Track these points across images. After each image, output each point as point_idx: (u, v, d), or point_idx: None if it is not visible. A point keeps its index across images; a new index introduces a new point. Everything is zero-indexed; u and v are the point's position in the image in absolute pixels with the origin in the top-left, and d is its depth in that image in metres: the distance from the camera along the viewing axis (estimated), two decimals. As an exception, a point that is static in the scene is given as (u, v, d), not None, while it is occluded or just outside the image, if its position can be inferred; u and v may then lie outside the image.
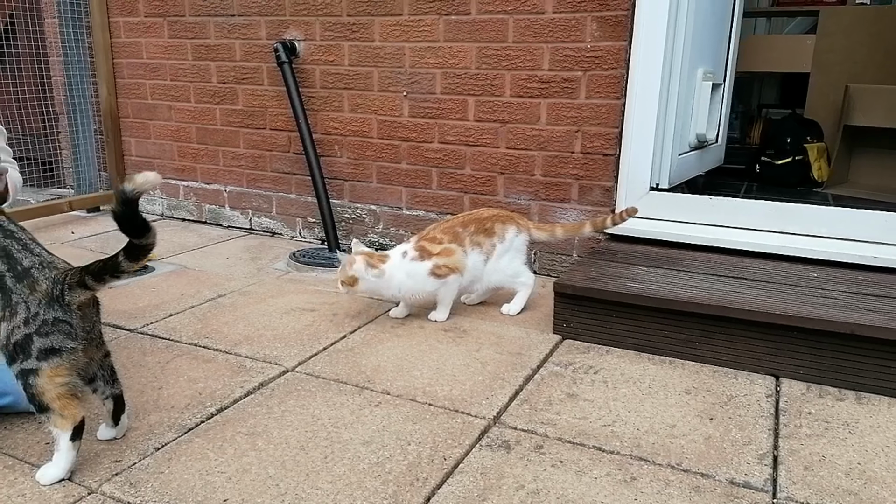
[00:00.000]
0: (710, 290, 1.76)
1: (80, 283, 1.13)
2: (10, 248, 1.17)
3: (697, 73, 2.43)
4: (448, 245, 1.91)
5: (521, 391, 1.56)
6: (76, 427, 1.16)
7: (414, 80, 2.47)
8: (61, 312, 1.13)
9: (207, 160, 3.00)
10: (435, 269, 1.90)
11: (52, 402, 1.14)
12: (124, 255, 1.10)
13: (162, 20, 2.91)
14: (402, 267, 1.89)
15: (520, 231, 2.00)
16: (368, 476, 1.22)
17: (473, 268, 1.95)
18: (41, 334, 1.12)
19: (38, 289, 1.13)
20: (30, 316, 1.12)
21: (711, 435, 1.38)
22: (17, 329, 1.12)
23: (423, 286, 1.90)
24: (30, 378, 1.13)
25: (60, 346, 1.13)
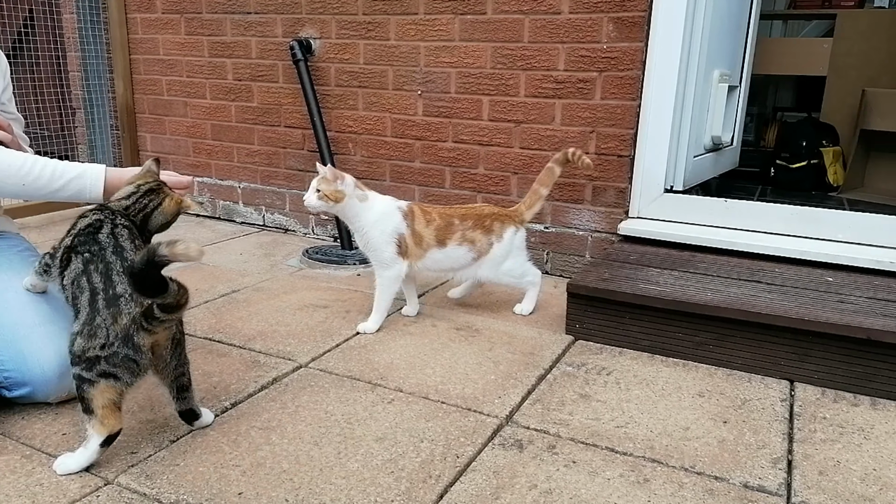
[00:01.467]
0: (725, 293, 1.75)
1: (142, 326, 1.14)
2: (112, 268, 1.17)
3: (713, 74, 2.42)
4: (425, 235, 1.84)
5: (534, 391, 1.56)
6: (110, 436, 1.17)
7: (429, 79, 2.48)
8: (132, 352, 1.13)
9: (222, 156, 3.02)
10: (402, 237, 1.82)
11: (98, 409, 1.15)
12: (157, 307, 1.10)
13: (179, 17, 2.93)
14: (382, 206, 1.83)
15: (518, 229, 1.97)
16: (382, 472, 1.22)
17: (445, 261, 1.88)
18: (110, 363, 1.13)
19: (119, 322, 1.13)
20: (106, 344, 1.13)
21: (725, 438, 1.38)
22: (91, 349, 1.13)
23: (380, 241, 1.81)
24: (84, 385, 1.14)
25: (120, 377, 1.14)
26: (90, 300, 1.16)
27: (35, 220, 2.87)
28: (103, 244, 1.20)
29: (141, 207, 1.32)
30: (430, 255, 1.87)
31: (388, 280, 1.85)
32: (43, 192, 1.35)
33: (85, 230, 1.23)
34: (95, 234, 1.22)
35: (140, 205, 1.32)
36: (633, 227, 2.21)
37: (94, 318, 1.15)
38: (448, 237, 1.88)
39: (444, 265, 1.91)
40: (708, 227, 2.16)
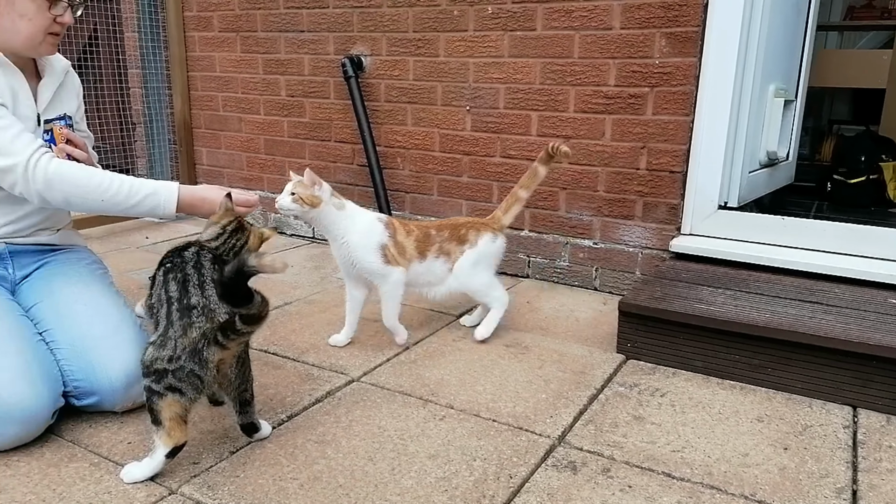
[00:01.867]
0: (784, 314, 1.71)
1: (215, 340, 1.17)
2: (190, 280, 1.22)
3: (769, 89, 2.38)
4: (407, 246, 1.81)
5: (586, 411, 1.54)
6: (175, 447, 1.21)
7: (477, 94, 2.50)
8: (198, 367, 1.17)
9: (274, 170, 3.09)
10: (386, 247, 1.77)
11: (165, 420, 1.19)
12: (240, 318, 1.14)
13: (235, 35, 3.03)
14: (364, 218, 1.79)
15: (496, 236, 1.91)
16: (436, 490, 1.23)
17: (425, 274, 1.84)
18: (176, 377, 1.17)
19: (188, 335, 1.18)
20: (174, 356, 1.17)
21: (786, 466, 1.34)
22: (159, 360, 1.18)
23: (366, 253, 1.76)
24: (153, 396, 1.19)
25: (185, 392, 1.18)
26: (167, 311, 1.21)
27: (96, 231, 2.98)
28: (186, 258, 1.25)
29: (230, 247, 1.35)
30: (412, 269, 1.83)
31: (391, 288, 1.80)
32: (120, 207, 1.41)
33: (173, 250, 1.28)
34: (182, 252, 1.26)
35: (229, 245, 1.35)
36: (685, 244, 2.17)
37: (168, 329, 1.19)
38: (427, 249, 1.84)
39: (422, 279, 1.86)
40: (764, 245, 2.12)
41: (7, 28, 1.42)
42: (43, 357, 1.37)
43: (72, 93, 1.65)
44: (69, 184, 1.37)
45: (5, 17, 1.40)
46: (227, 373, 1.24)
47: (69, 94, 1.63)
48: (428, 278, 1.87)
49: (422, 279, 1.86)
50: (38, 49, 1.48)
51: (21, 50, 1.46)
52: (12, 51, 1.45)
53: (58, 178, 1.36)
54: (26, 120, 1.45)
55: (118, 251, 2.71)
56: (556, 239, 2.46)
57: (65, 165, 1.39)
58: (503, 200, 1.96)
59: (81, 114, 1.71)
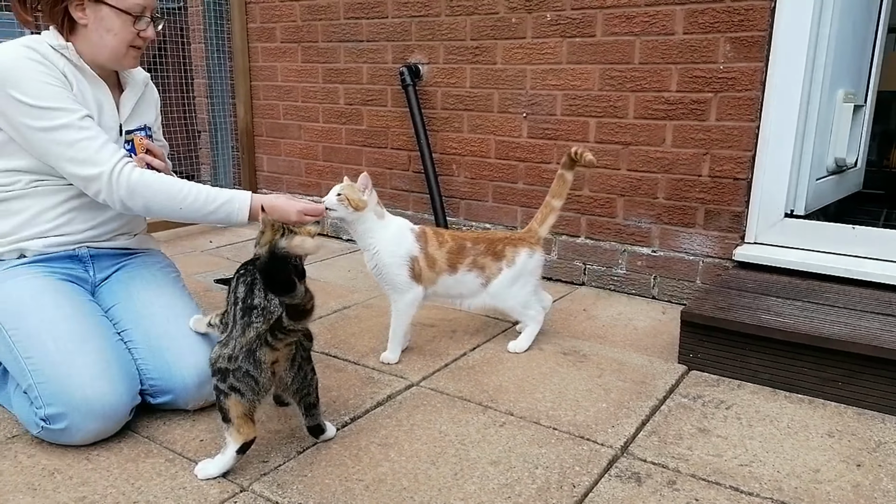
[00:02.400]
0: (856, 326, 1.65)
1: (266, 342, 1.21)
2: (256, 282, 1.27)
3: (838, 94, 2.30)
4: (438, 258, 1.79)
5: (648, 422, 1.52)
6: (245, 443, 1.26)
7: (534, 101, 2.50)
8: (252, 367, 1.22)
9: (331, 177, 3.16)
10: (415, 260, 1.76)
11: (234, 418, 1.24)
12: (286, 313, 1.16)
13: (296, 46, 3.11)
14: (398, 228, 1.78)
15: (533, 251, 1.87)
16: (499, 497, 1.23)
17: (456, 286, 1.82)
18: (235, 376, 1.22)
19: (246, 335, 1.23)
20: (233, 355, 1.22)
21: (860, 483, 1.30)
22: (222, 358, 1.23)
23: (394, 264, 1.75)
24: (221, 395, 1.24)
25: (244, 392, 1.23)
26: (233, 312, 1.26)
27: (163, 235, 3.10)
28: (254, 261, 1.30)
29: None
30: (442, 281, 1.80)
31: (405, 306, 1.78)
32: (196, 214, 1.47)
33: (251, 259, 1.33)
34: (255, 260, 1.31)
35: None
36: (749, 253, 2.12)
37: (232, 329, 1.24)
38: (459, 262, 1.81)
39: (453, 291, 1.84)
40: (833, 254, 2.05)
41: (95, 42, 1.49)
42: (122, 356, 1.44)
43: (151, 104, 1.72)
44: (150, 192, 1.44)
45: (94, 32, 1.48)
46: (283, 376, 1.27)
47: (148, 105, 1.71)
48: (459, 290, 1.84)
49: (452, 291, 1.84)
50: (122, 62, 1.55)
51: (106, 63, 1.53)
52: (98, 64, 1.53)
53: (140, 187, 1.43)
54: (109, 130, 1.53)
55: (184, 254, 2.82)
56: (614, 246, 2.44)
57: (146, 175, 1.45)
58: (538, 212, 1.93)
59: (159, 124, 1.78)
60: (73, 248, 1.56)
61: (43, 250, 1.52)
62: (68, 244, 1.55)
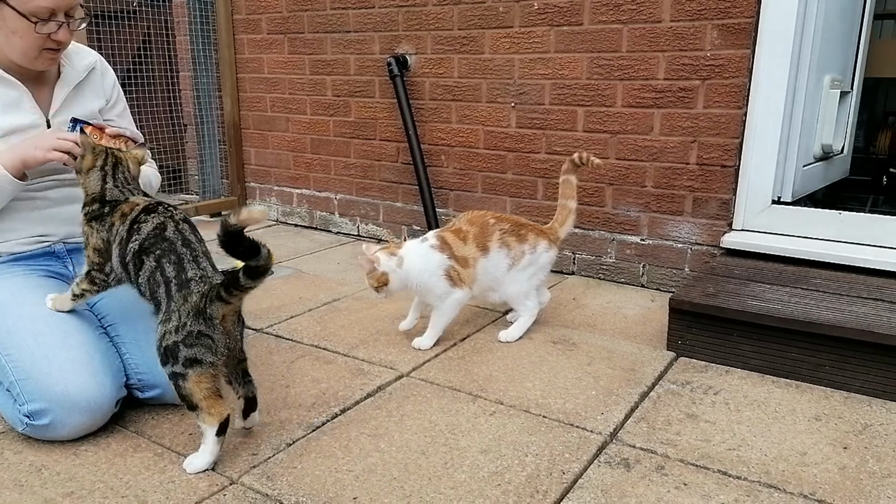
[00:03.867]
0: (845, 311, 1.66)
1: (218, 296, 1.21)
2: (184, 258, 1.27)
3: (824, 80, 2.31)
4: (468, 254, 1.80)
5: (637, 408, 1.53)
6: (221, 423, 1.25)
7: (522, 90, 2.49)
8: (204, 326, 1.21)
9: (320, 169, 3.14)
10: (451, 269, 1.77)
11: (200, 402, 1.23)
12: (243, 273, 1.16)
13: (283, 37, 3.08)
14: (419, 251, 1.79)
15: (550, 247, 1.89)
16: (489, 485, 1.24)
17: (493, 270, 1.82)
18: (186, 344, 1.21)
19: (189, 300, 1.22)
20: (179, 325, 1.21)
21: (847, 465, 1.31)
22: (168, 334, 1.22)
23: (434, 285, 1.77)
24: (179, 381, 1.23)
25: (202, 359, 1.22)
26: (166, 291, 1.24)
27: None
28: (172, 239, 1.28)
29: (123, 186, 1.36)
30: (480, 268, 1.81)
31: (449, 307, 1.82)
32: None
33: (153, 232, 1.29)
34: (163, 233, 1.29)
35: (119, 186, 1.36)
36: (737, 240, 2.13)
37: (170, 304, 1.23)
38: (488, 240, 1.81)
39: (490, 276, 1.83)
40: (821, 240, 2.06)
41: (2, 43, 1.43)
42: (105, 349, 1.42)
43: (97, 90, 1.64)
44: None
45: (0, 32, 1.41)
46: (231, 329, 1.25)
47: (92, 91, 1.62)
48: (495, 274, 1.84)
49: (489, 277, 1.84)
50: (35, 63, 1.47)
51: (20, 63, 1.46)
52: (13, 63, 1.46)
53: None
54: (28, 128, 1.47)
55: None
56: (603, 235, 2.44)
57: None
58: (556, 213, 1.96)
59: (119, 110, 1.70)
60: (49, 245, 1.54)
61: (17, 249, 1.50)
62: (44, 242, 1.53)
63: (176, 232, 1.30)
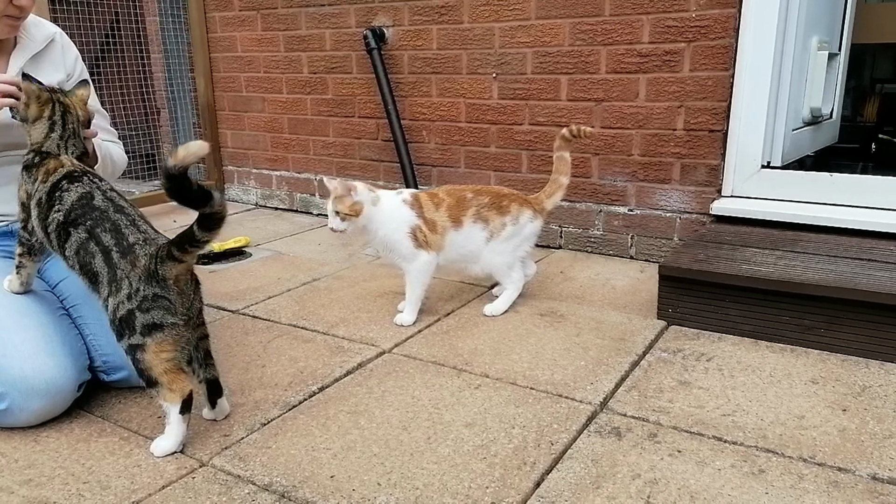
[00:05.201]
0: (837, 272, 1.61)
1: (169, 255, 1.14)
2: (119, 224, 1.20)
3: (812, 41, 2.25)
4: (438, 219, 1.73)
5: (628, 377, 1.47)
6: (185, 400, 1.17)
7: (504, 60, 2.41)
8: (159, 288, 1.14)
9: (298, 150, 3.05)
10: (417, 229, 1.71)
11: (160, 376, 1.15)
12: (198, 226, 1.10)
13: (255, 13, 2.98)
14: (391, 202, 1.73)
15: (535, 217, 1.82)
16: (474, 458, 1.17)
17: (465, 243, 1.76)
18: (142, 310, 1.13)
19: (137, 264, 1.15)
20: (132, 292, 1.14)
21: (846, 427, 1.26)
22: (121, 305, 1.14)
23: (397, 239, 1.70)
24: (137, 353, 1.15)
25: (161, 322, 1.14)
26: (105, 260, 1.17)
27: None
28: (102, 208, 1.21)
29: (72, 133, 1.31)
30: (450, 239, 1.74)
31: (417, 272, 1.74)
32: None
33: (78, 203, 1.22)
34: (91, 202, 1.21)
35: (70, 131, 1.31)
36: (727, 207, 2.07)
37: (116, 273, 1.15)
38: (462, 215, 1.74)
39: (462, 249, 1.77)
40: (812, 203, 2.01)
41: None
42: (66, 330, 1.35)
43: (57, 63, 1.57)
44: None
45: None
46: (186, 291, 1.18)
47: (52, 64, 1.55)
48: (469, 248, 1.77)
49: (462, 249, 1.77)
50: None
51: None
52: None
53: None
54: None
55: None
56: (590, 207, 2.38)
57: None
58: (546, 185, 1.89)
59: None
60: (7, 225, 1.46)
61: None
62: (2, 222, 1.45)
63: (105, 200, 1.22)
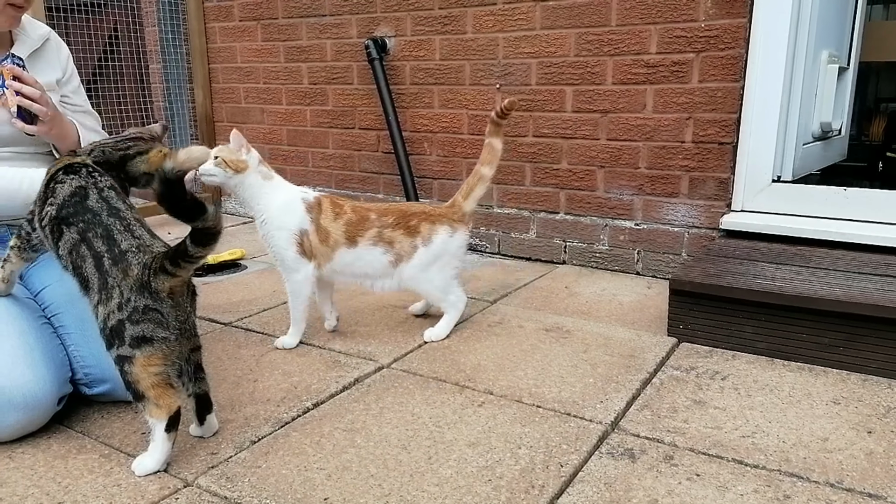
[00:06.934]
0: (854, 288, 1.54)
1: (162, 268, 1.07)
2: (112, 229, 1.13)
3: (822, 54, 2.21)
4: (332, 230, 1.59)
5: (640, 396, 1.40)
6: (171, 417, 1.10)
7: (507, 71, 2.37)
8: (151, 300, 1.07)
9: (297, 162, 3.00)
10: (305, 234, 1.58)
11: (148, 390, 1.08)
12: (191, 240, 1.03)
13: (255, 24, 2.95)
14: (287, 197, 1.60)
15: (453, 231, 1.65)
16: (478, 480, 1.10)
17: (360, 266, 1.62)
18: (133, 321, 1.07)
19: (130, 274, 1.08)
20: (122, 301, 1.07)
21: (873, 450, 1.18)
22: (112, 314, 1.08)
23: (280, 238, 1.58)
24: (125, 365, 1.09)
25: (152, 335, 1.08)
26: (96, 266, 1.10)
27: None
28: (96, 210, 1.14)
29: (122, 148, 1.27)
30: (339, 257, 1.61)
31: (296, 285, 1.61)
32: None
33: (71, 199, 1.16)
34: (84, 202, 1.15)
35: (122, 146, 1.27)
36: (737, 221, 2.01)
37: (107, 280, 1.09)
38: (359, 234, 1.60)
39: (356, 269, 1.63)
40: (825, 219, 1.94)
41: None
42: (47, 340, 1.28)
43: (53, 62, 1.54)
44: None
45: None
46: (182, 303, 1.11)
47: (48, 62, 1.52)
48: (363, 269, 1.63)
49: (355, 269, 1.63)
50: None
51: None
52: None
53: None
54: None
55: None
56: (595, 221, 2.32)
57: None
58: (463, 183, 1.72)
59: (74, 87, 1.60)
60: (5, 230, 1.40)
61: None
62: None
63: (100, 200, 1.16)
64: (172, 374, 1.12)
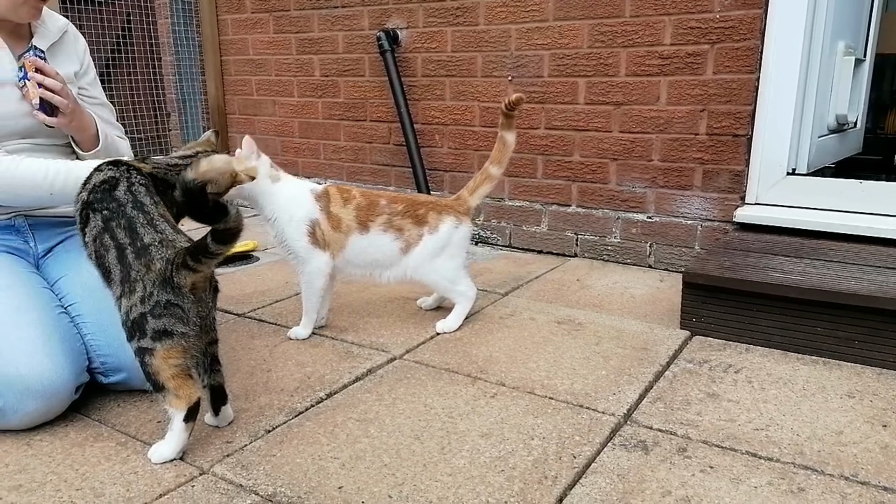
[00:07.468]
0: (872, 281, 1.53)
1: (184, 264, 1.08)
2: (135, 222, 1.14)
3: (838, 46, 2.18)
4: (344, 216, 1.60)
5: (652, 388, 1.40)
6: (191, 407, 1.11)
7: (520, 63, 2.36)
8: (173, 295, 1.08)
9: (309, 154, 3.01)
10: (317, 224, 1.58)
11: (168, 381, 1.10)
12: (211, 238, 1.04)
13: (268, 15, 2.95)
14: (294, 191, 1.61)
15: (459, 223, 1.67)
16: (491, 470, 1.10)
17: (372, 251, 1.63)
18: (154, 315, 1.08)
19: (153, 268, 1.09)
20: (145, 295, 1.08)
21: (889, 444, 1.17)
22: (134, 307, 1.09)
23: (292, 229, 1.58)
24: (145, 357, 1.10)
25: (172, 329, 1.09)
26: (119, 258, 1.11)
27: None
28: (121, 200, 1.15)
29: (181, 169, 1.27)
30: (353, 244, 1.61)
31: (310, 276, 1.61)
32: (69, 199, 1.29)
33: (100, 186, 1.17)
34: (112, 191, 1.16)
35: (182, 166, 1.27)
36: (751, 214, 2.00)
37: (130, 273, 1.10)
38: (371, 219, 1.61)
39: (368, 256, 1.64)
40: (841, 212, 1.93)
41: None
42: (66, 330, 1.29)
43: (71, 54, 1.55)
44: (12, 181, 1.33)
45: None
46: (204, 298, 1.12)
47: (66, 55, 1.53)
48: (374, 256, 1.63)
49: (366, 257, 1.64)
50: (19, 13, 1.39)
51: (2, 13, 1.38)
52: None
53: None
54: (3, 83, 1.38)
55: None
56: (607, 214, 2.31)
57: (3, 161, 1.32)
58: (471, 179, 1.74)
59: (91, 79, 1.60)
60: (9, 218, 1.41)
61: None
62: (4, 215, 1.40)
63: (127, 193, 1.16)
64: (191, 365, 1.13)
